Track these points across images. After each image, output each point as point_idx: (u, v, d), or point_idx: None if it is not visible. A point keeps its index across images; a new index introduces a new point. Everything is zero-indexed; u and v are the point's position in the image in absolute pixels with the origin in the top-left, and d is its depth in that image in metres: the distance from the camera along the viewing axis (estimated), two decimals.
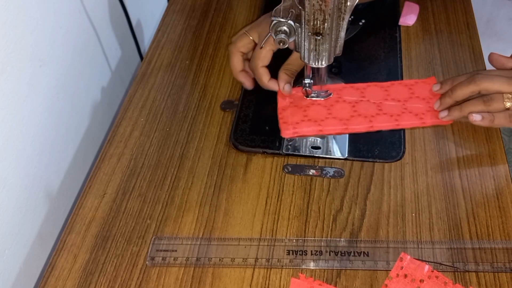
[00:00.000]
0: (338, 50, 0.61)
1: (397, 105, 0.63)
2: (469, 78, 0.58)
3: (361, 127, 0.61)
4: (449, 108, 0.60)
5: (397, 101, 0.64)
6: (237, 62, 0.66)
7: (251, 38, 0.65)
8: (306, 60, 0.61)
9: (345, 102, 0.64)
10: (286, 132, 0.62)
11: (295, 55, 0.64)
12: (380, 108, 0.63)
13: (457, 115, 0.59)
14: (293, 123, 0.62)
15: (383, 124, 0.61)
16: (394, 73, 0.69)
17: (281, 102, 0.65)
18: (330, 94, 0.66)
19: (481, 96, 0.57)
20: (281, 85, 0.64)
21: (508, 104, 0.56)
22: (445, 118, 0.60)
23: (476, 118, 0.57)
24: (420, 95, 0.64)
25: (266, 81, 0.64)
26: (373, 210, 0.56)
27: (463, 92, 0.58)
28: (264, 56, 0.63)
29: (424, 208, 0.56)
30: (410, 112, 0.62)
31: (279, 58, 0.70)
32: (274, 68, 0.70)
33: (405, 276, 0.50)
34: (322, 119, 0.62)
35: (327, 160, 0.61)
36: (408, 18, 0.77)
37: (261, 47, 0.62)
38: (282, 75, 0.64)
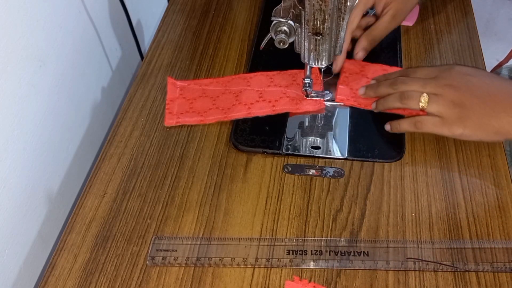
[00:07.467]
0: (338, 50, 0.61)
1: (277, 90, 0.67)
2: (392, 80, 0.62)
3: (239, 114, 0.65)
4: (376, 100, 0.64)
5: (279, 86, 0.67)
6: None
7: None
8: (306, 60, 0.61)
9: (230, 93, 0.67)
10: (169, 122, 0.65)
11: (381, 23, 0.67)
12: (261, 95, 0.66)
13: (380, 108, 0.63)
14: (177, 114, 0.66)
15: (261, 110, 0.64)
16: None
17: (170, 94, 0.69)
18: (331, 95, 0.66)
19: (401, 92, 0.60)
20: (356, 50, 0.67)
21: (421, 104, 0.58)
22: (375, 109, 0.63)
23: (387, 128, 0.62)
24: (301, 82, 0.66)
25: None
26: (373, 210, 0.56)
27: (383, 91, 0.62)
28: (353, 19, 0.65)
29: (424, 208, 0.56)
30: (287, 97, 0.65)
31: (280, 58, 0.71)
32: (277, 68, 0.70)
33: None
34: (206, 110, 0.66)
35: (327, 160, 0.61)
36: (408, 18, 0.77)
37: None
38: (362, 40, 0.67)
